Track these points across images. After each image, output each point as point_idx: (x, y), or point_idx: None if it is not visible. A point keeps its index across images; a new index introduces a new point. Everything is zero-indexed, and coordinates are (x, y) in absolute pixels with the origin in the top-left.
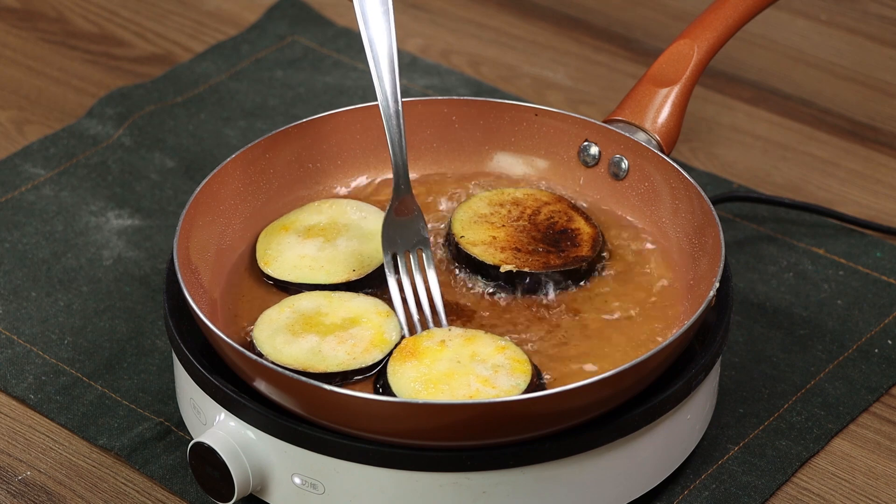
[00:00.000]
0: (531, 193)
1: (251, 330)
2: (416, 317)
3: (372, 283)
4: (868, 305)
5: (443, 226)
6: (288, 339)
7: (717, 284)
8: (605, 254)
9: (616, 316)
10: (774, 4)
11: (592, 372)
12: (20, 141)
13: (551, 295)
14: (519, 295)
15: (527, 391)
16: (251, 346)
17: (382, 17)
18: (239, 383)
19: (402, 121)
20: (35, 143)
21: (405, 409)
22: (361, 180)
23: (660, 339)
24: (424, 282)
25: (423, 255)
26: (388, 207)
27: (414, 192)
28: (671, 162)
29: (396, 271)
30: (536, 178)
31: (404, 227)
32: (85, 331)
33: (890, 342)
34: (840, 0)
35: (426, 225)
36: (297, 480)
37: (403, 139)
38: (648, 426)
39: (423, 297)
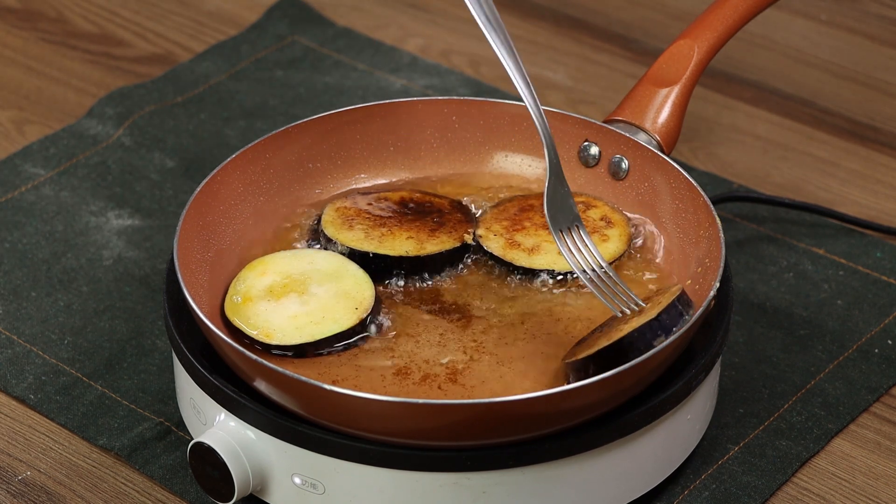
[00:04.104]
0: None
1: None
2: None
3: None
4: (868, 305)
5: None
6: None
7: (717, 284)
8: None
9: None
10: (774, 4)
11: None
12: (20, 141)
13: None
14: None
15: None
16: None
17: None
18: (239, 383)
19: (540, 107)
20: (35, 143)
21: (405, 409)
22: (361, 180)
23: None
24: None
25: (581, 231)
26: (546, 186)
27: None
28: (671, 162)
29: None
30: (536, 178)
31: (562, 203)
32: (85, 331)
33: (890, 342)
34: (840, 0)
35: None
36: (297, 480)
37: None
38: (648, 426)
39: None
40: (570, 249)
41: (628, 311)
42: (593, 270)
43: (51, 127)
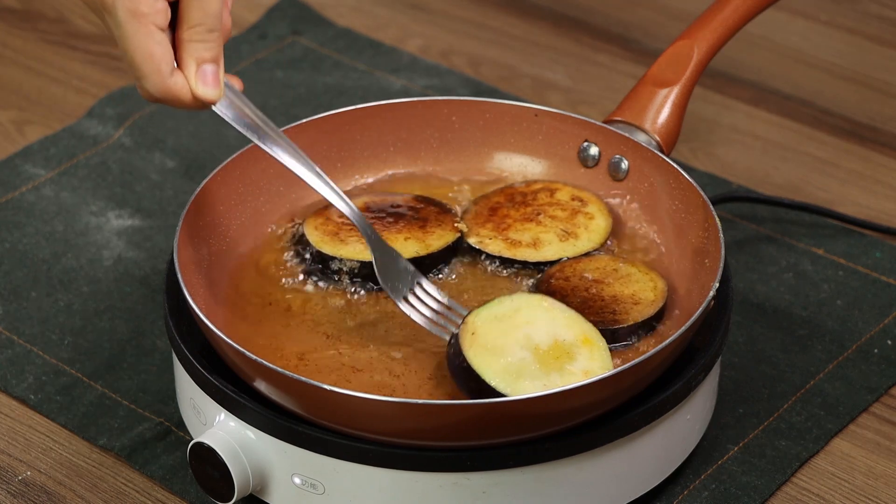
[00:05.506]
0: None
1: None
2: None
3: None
4: (868, 305)
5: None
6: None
7: (717, 284)
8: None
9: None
10: (774, 4)
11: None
12: (20, 141)
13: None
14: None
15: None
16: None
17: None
18: (239, 383)
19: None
20: (35, 144)
21: (405, 409)
22: (361, 180)
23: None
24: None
25: (424, 284)
26: (375, 268)
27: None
28: (671, 162)
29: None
30: (536, 177)
31: (395, 269)
32: (85, 331)
33: (889, 342)
34: (840, 0)
35: (403, 258)
36: (297, 480)
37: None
38: (648, 426)
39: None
40: (426, 317)
41: None
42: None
43: (51, 127)
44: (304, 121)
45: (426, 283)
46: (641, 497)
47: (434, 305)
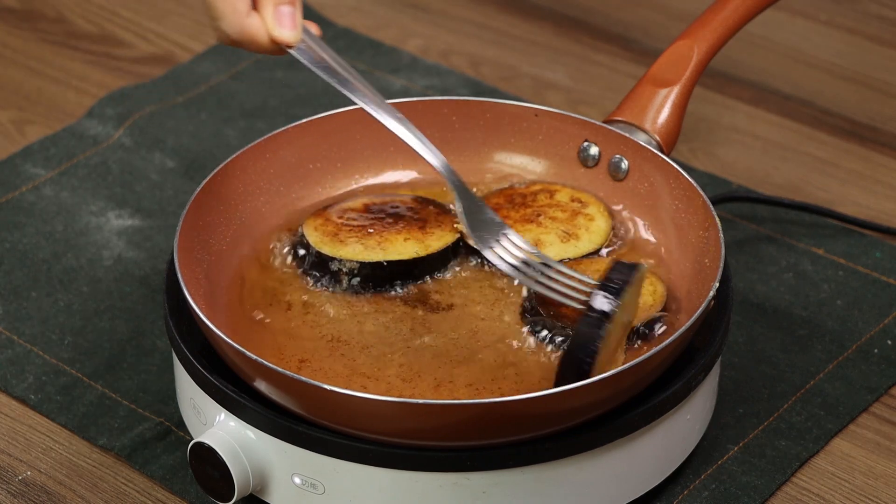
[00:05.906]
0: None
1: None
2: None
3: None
4: (868, 305)
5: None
6: None
7: (717, 284)
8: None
9: None
10: (774, 4)
11: None
12: (20, 141)
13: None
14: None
15: None
16: None
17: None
18: (239, 383)
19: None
20: (35, 144)
21: (405, 409)
22: (361, 180)
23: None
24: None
25: (511, 235)
26: (462, 217)
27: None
28: (671, 162)
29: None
30: (536, 178)
31: (482, 218)
32: (85, 331)
33: (889, 342)
34: (840, 0)
35: (489, 208)
36: (297, 480)
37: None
38: (648, 426)
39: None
40: (515, 267)
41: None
42: (542, 273)
43: (51, 127)
44: (304, 121)
45: (513, 234)
46: (641, 497)
47: (522, 256)
